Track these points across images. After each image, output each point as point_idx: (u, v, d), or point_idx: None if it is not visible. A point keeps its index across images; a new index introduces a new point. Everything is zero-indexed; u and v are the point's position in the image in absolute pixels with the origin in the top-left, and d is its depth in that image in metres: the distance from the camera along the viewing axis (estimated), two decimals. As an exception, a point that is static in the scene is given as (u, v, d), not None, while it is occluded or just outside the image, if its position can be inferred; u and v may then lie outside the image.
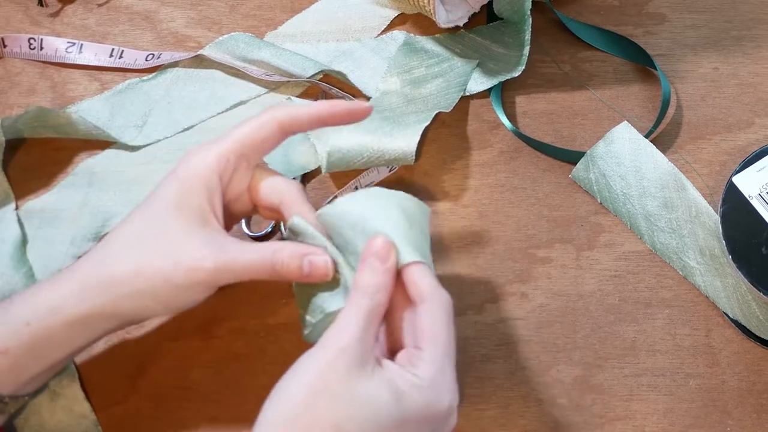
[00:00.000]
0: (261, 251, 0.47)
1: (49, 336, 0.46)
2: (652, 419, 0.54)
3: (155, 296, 0.46)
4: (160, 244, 0.46)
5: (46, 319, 0.46)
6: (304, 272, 0.46)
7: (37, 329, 0.46)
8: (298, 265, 0.46)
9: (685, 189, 0.57)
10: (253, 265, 0.46)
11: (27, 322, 0.46)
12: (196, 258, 0.46)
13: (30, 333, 0.46)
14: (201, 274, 0.46)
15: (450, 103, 0.61)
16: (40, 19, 0.66)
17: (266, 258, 0.47)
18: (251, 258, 0.47)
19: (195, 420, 0.54)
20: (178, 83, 0.63)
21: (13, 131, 0.60)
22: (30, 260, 0.57)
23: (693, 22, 0.65)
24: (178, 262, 0.46)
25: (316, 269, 0.46)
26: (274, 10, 0.66)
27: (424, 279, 0.45)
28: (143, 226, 0.47)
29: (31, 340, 0.46)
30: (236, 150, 0.48)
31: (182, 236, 0.46)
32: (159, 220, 0.47)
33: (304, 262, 0.46)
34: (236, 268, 0.46)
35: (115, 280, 0.46)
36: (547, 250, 0.59)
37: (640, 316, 0.57)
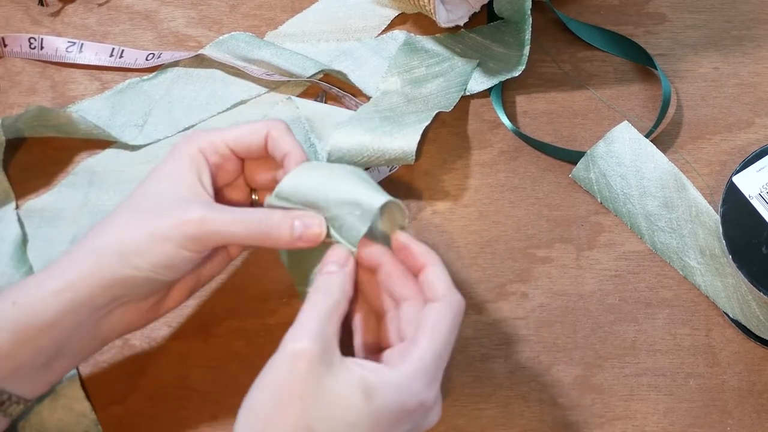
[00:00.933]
0: (253, 212, 0.47)
1: (35, 313, 0.45)
2: (652, 419, 0.54)
3: (141, 254, 0.45)
4: (148, 209, 0.47)
5: (31, 295, 0.45)
6: (295, 235, 0.46)
7: (22, 306, 0.45)
8: (289, 226, 0.46)
9: (685, 189, 0.57)
10: (244, 223, 0.46)
11: (13, 301, 0.45)
12: (184, 210, 0.46)
13: (16, 311, 0.45)
14: (188, 225, 0.45)
15: (450, 102, 0.61)
16: (40, 19, 0.66)
17: (258, 219, 0.47)
18: (241, 217, 0.46)
19: (195, 419, 0.54)
20: (178, 83, 0.63)
21: (13, 131, 0.60)
22: (30, 259, 0.57)
23: (693, 21, 0.65)
24: (167, 216, 0.46)
25: (307, 232, 0.46)
26: (274, 10, 0.66)
27: (440, 279, 0.46)
28: (138, 198, 0.48)
29: (16, 319, 0.44)
30: (226, 142, 0.49)
31: (171, 199, 0.47)
32: (154, 192, 0.48)
33: (295, 224, 0.46)
34: (225, 224, 0.46)
35: (101, 243, 0.46)
36: (548, 250, 0.59)
37: (641, 316, 0.57)
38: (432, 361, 0.43)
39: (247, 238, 0.47)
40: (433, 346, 0.44)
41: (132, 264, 0.45)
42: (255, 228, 0.46)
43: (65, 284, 0.45)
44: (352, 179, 0.48)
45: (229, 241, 0.47)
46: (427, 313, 0.45)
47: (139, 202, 0.48)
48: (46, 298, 0.45)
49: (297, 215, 0.47)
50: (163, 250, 0.46)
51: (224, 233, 0.46)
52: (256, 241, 0.47)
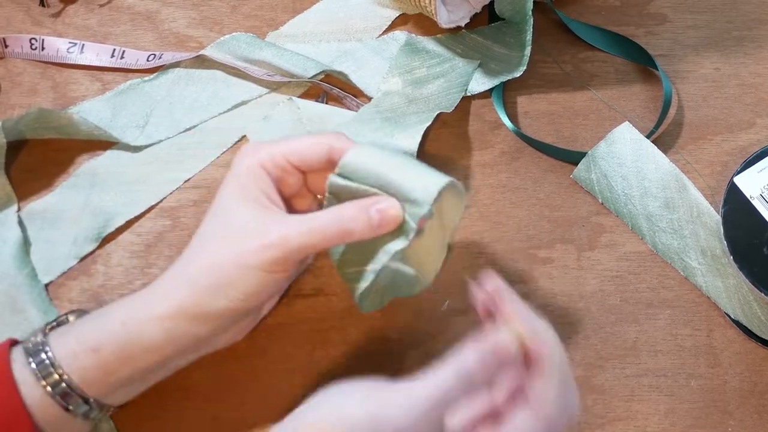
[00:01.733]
0: (325, 215, 0.47)
1: (140, 336, 0.47)
2: (653, 420, 0.54)
3: (233, 285, 0.46)
4: (230, 234, 0.47)
5: (138, 318, 0.47)
6: (374, 224, 0.46)
7: (129, 328, 0.47)
8: (367, 218, 0.46)
9: (686, 189, 0.57)
10: (321, 230, 0.46)
11: (122, 321, 0.47)
12: (262, 236, 0.46)
13: (123, 332, 0.47)
14: (268, 250, 0.46)
15: (451, 103, 0.61)
16: (41, 20, 0.66)
17: (333, 220, 0.46)
18: (317, 224, 0.46)
19: (195, 420, 0.54)
20: (179, 83, 0.63)
21: (14, 133, 0.60)
22: (33, 261, 0.57)
23: (694, 22, 0.65)
24: (247, 244, 0.46)
25: (386, 217, 0.46)
26: (275, 11, 0.66)
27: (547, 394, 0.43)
28: (215, 221, 0.48)
29: (123, 339, 0.47)
30: (284, 155, 0.49)
31: (247, 221, 0.47)
32: (226, 212, 0.48)
33: (371, 213, 0.46)
34: (303, 237, 0.46)
35: (195, 274, 0.47)
36: (549, 251, 0.58)
37: (642, 317, 0.57)
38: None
39: (330, 242, 0.47)
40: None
41: (226, 295, 0.47)
42: (333, 230, 0.46)
43: (166, 315, 0.47)
44: (410, 161, 0.47)
45: (312, 251, 0.47)
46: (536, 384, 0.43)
47: (218, 227, 0.48)
48: (153, 322, 0.47)
49: (368, 204, 0.46)
50: (253, 278, 0.46)
51: (306, 246, 0.46)
52: (340, 242, 0.47)
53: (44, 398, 0.47)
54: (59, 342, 0.47)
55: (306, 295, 0.54)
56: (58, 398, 0.47)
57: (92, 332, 0.47)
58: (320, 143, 0.49)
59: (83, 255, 0.58)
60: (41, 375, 0.46)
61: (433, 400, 0.41)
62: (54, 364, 0.47)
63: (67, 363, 0.47)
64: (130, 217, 0.59)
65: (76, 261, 0.58)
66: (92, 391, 0.47)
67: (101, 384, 0.47)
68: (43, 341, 0.47)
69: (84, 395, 0.47)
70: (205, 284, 0.47)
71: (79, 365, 0.47)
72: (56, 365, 0.47)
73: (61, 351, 0.47)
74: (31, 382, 0.46)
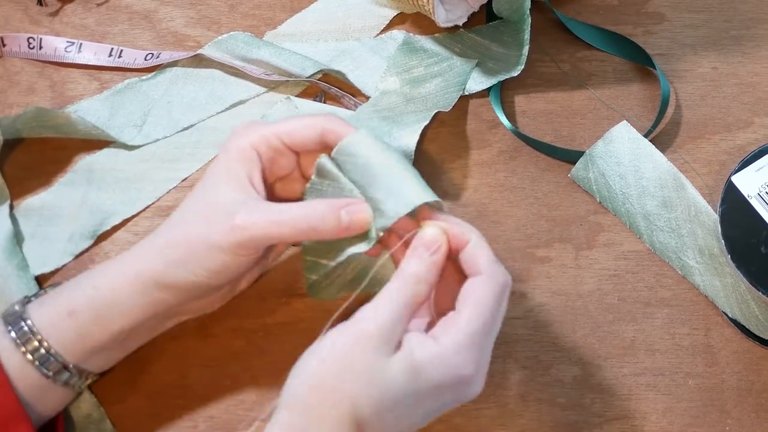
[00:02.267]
0: (297, 209, 0.47)
1: (113, 299, 0.48)
2: (651, 418, 0.54)
3: (198, 262, 0.47)
4: (203, 212, 0.48)
5: (111, 282, 0.48)
6: (342, 225, 0.46)
7: (103, 291, 0.48)
8: (337, 219, 0.46)
9: (684, 188, 0.57)
10: (290, 223, 0.46)
11: (95, 286, 0.48)
12: (229, 218, 0.47)
13: (97, 296, 0.48)
14: (234, 233, 0.46)
15: (449, 102, 0.61)
16: (39, 19, 0.66)
17: (302, 216, 0.47)
18: (286, 217, 0.47)
19: (194, 419, 0.54)
20: (177, 82, 0.63)
21: (11, 131, 0.60)
22: (29, 258, 0.57)
23: (692, 21, 0.65)
24: (215, 224, 0.47)
25: (354, 221, 0.46)
26: (273, 10, 0.66)
27: (481, 253, 0.45)
28: (195, 197, 0.49)
29: (97, 302, 0.48)
30: (279, 136, 0.49)
31: (222, 204, 0.48)
32: (207, 190, 0.49)
33: (342, 215, 0.46)
34: (270, 226, 0.46)
35: (165, 246, 0.48)
36: (546, 250, 0.58)
37: (639, 316, 0.57)
38: (474, 335, 0.43)
39: (296, 236, 0.47)
40: (475, 321, 0.43)
41: (192, 271, 0.47)
42: (301, 226, 0.47)
43: (138, 279, 0.48)
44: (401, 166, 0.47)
45: (278, 240, 0.48)
46: (469, 287, 0.45)
47: (197, 204, 0.49)
48: (124, 286, 0.48)
49: (340, 204, 0.47)
50: (218, 258, 0.47)
51: (271, 236, 0.47)
52: (306, 237, 0.47)
53: (25, 366, 0.47)
54: (38, 311, 0.49)
55: (306, 295, 0.54)
56: (38, 365, 0.47)
57: (68, 298, 0.49)
58: (313, 124, 0.49)
59: (79, 252, 0.58)
60: (21, 342, 0.47)
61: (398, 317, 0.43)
62: (33, 331, 0.48)
63: (45, 329, 0.48)
64: (127, 216, 0.59)
65: (71, 258, 0.58)
66: (70, 356, 0.48)
67: (79, 349, 0.48)
68: (22, 310, 0.49)
69: (63, 361, 0.48)
70: (172, 257, 0.48)
71: (56, 331, 0.48)
72: (35, 332, 0.48)
73: (40, 318, 0.48)
74: (11, 350, 0.47)
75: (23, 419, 0.47)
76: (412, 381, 0.42)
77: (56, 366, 0.48)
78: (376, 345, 0.42)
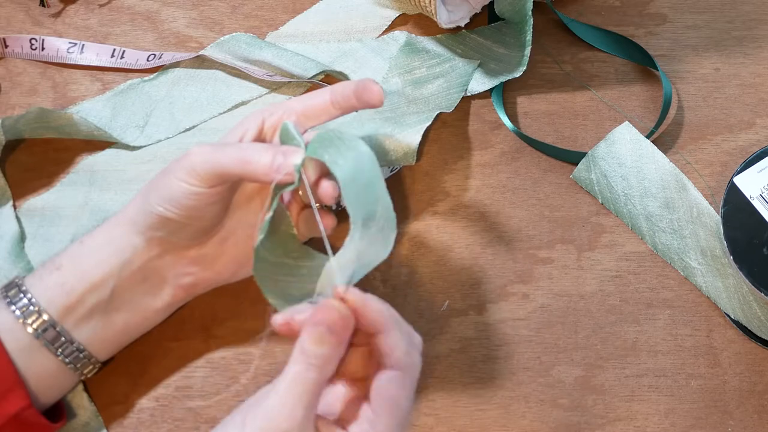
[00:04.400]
0: (242, 144, 0.49)
1: (93, 249, 0.50)
2: (653, 420, 0.54)
3: (160, 191, 0.49)
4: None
5: (93, 234, 0.51)
6: (274, 164, 0.46)
7: (85, 243, 0.51)
8: (271, 156, 0.47)
9: (686, 189, 0.57)
10: (230, 151, 0.48)
11: (81, 240, 0.52)
12: (187, 152, 0.49)
13: (81, 248, 0.51)
14: (184, 160, 0.48)
15: (451, 103, 0.61)
16: (41, 20, 0.66)
17: (241, 148, 0.48)
18: (230, 147, 0.48)
19: (195, 420, 0.54)
20: (179, 83, 0.63)
21: (14, 132, 0.60)
22: (31, 258, 0.57)
23: (694, 22, 0.65)
24: (178, 159, 0.49)
25: (285, 165, 0.46)
26: (275, 11, 0.66)
27: (399, 346, 0.42)
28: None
29: (78, 254, 0.51)
30: (287, 108, 0.51)
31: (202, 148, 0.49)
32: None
33: (277, 156, 0.47)
34: (211, 153, 0.48)
35: (142, 189, 0.51)
36: (549, 251, 0.58)
37: (642, 317, 0.57)
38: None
39: (232, 165, 0.47)
40: (393, 421, 0.42)
41: (148, 201, 0.49)
42: (237, 155, 0.47)
43: (117, 221, 0.51)
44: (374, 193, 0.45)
45: (218, 170, 0.48)
46: (385, 384, 0.42)
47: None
48: (103, 233, 0.51)
49: (279, 149, 0.47)
50: (167, 185, 0.49)
51: (211, 162, 0.48)
52: (240, 169, 0.47)
53: (14, 324, 0.49)
54: (32, 273, 0.51)
55: (306, 295, 0.54)
56: (29, 326, 0.49)
57: (58, 255, 0.51)
58: (321, 93, 0.51)
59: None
60: (11, 300, 0.49)
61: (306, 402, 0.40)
62: (22, 289, 0.50)
63: (34, 287, 0.50)
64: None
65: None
66: (56, 313, 0.49)
67: (63, 306, 0.49)
68: (18, 276, 0.51)
69: (52, 320, 0.49)
70: (144, 192, 0.50)
71: (43, 286, 0.50)
72: (25, 290, 0.49)
73: (31, 278, 0.50)
74: (3, 309, 0.49)
75: (20, 388, 0.48)
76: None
77: (43, 323, 0.49)
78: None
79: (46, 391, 0.50)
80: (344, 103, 0.51)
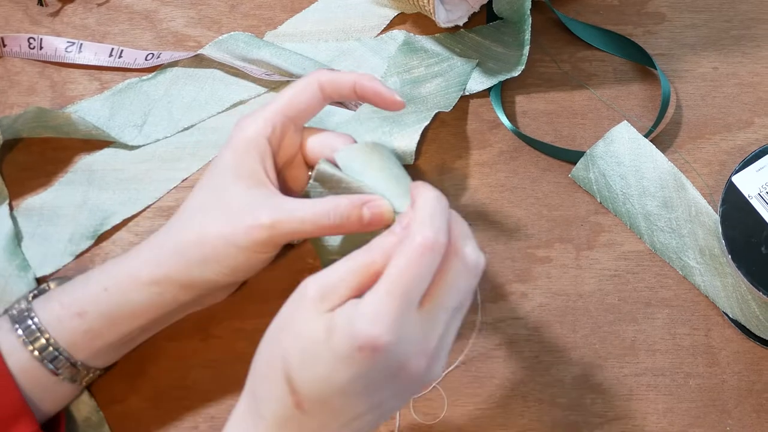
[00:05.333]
0: (318, 205, 0.47)
1: (125, 301, 0.48)
2: (651, 419, 0.54)
3: (219, 260, 0.47)
4: (220, 210, 0.48)
5: (123, 284, 0.48)
6: (364, 222, 0.46)
7: (113, 294, 0.48)
8: (359, 215, 0.46)
9: (684, 188, 0.57)
10: (314, 220, 0.46)
11: (105, 287, 0.48)
12: (253, 216, 0.46)
13: (107, 298, 0.48)
14: (259, 232, 0.46)
15: (449, 102, 0.61)
16: (39, 19, 0.66)
17: (324, 210, 0.46)
18: (311, 213, 0.46)
19: (194, 420, 0.54)
20: (177, 83, 0.63)
21: (12, 131, 0.60)
22: (29, 257, 0.57)
23: (692, 21, 0.65)
24: (237, 223, 0.47)
25: (376, 216, 0.46)
26: (273, 10, 0.66)
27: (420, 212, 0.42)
28: (206, 194, 0.49)
29: (107, 305, 0.48)
30: (281, 112, 0.49)
31: (240, 198, 0.47)
32: (219, 187, 0.48)
33: (364, 211, 0.46)
34: (293, 223, 0.46)
35: (184, 246, 0.48)
36: (547, 250, 0.59)
37: (640, 316, 0.57)
38: (382, 299, 0.40)
39: (320, 232, 0.47)
40: (384, 285, 0.40)
41: (213, 270, 0.48)
42: (325, 222, 0.46)
43: (153, 281, 0.48)
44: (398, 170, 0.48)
45: (300, 237, 0.47)
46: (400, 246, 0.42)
47: (208, 202, 0.48)
48: (139, 288, 0.48)
49: (362, 201, 0.46)
50: (241, 256, 0.47)
51: (296, 233, 0.46)
52: (329, 233, 0.47)
53: (32, 363, 0.48)
54: (44, 307, 0.48)
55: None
56: (47, 362, 0.48)
57: (76, 298, 0.48)
58: (308, 83, 0.49)
59: (79, 252, 0.58)
60: (28, 340, 0.47)
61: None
62: (40, 329, 0.48)
63: (52, 327, 0.48)
64: (127, 216, 0.59)
65: (71, 258, 0.58)
66: (79, 354, 0.48)
67: (88, 348, 0.48)
68: (28, 307, 0.49)
69: (71, 359, 0.48)
70: (194, 257, 0.47)
71: (64, 329, 0.48)
72: (42, 330, 0.48)
73: (47, 316, 0.48)
74: (18, 348, 0.47)
75: (27, 416, 0.47)
76: (327, 338, 0.40)
77: (64, 363, 0.48)
78: (311, 302, 0.41)
79: (52, 407, 0.50)
80: (338, 96, 0.50)
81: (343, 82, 0.49)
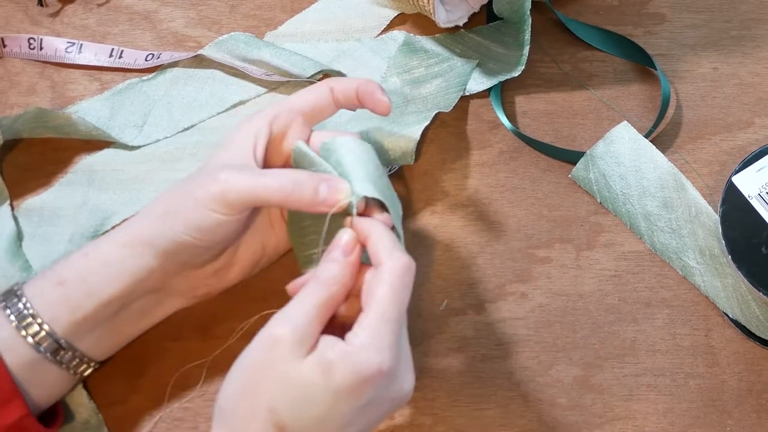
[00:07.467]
0: (277, 174, 0.47)
1: (101, 265, 0.48)
2: (651, 419, 0.54)
3: (178, 216, 0.47)
4: (196, 174, 0.49)
5: (101, 248, 0.49)
6: (318, 198, 0.46)
7: (92, 259, 0.48)
8: (314, 189, 0.46)
9: (684, 189, 0.57)
10: (263, 182, 0.47)
11: (85, 252, 0.49)
12: (213, 175, 0.47)
13: (87, 263, 0.48)
14: (213, 187, 0.47)
15: (450, 103, 0.61)
16: (39, 19, 0.66)
17: (281, 175, 0.47)
18: (266, 180, 0.47)
19: (194, 420, 0.54)
20: (177, 83, 0.63)
21: (12, 132, 0.60)
22: (29, 258, 0.57)
23: (693, 21, 0.65)
24: (199, 180, 0.48)
25: (332, 195, 0.46)
26: (273, 10, 0.66)
27: (382, 243, 0.45)
28: (198, 168, 0.50)
29: (87, 270, 0.48)
30: (288, 102, 0.51)
31: (216, 164, 0.48)
32: (208, 161, 0.50)
33: (321, 187, 0.46)
34: (247, 185, 0.47)
35: (150, 206, 0.49)
36: (547, 250, 0.59)
37: (640, 316, 0.57)
38: (379, 327, 0.43)
39: (273, 200, 0.47)
40: (378, 313, 0.43)
41: (170, 226, 0.48)
42: (276, 185, 0.47)
43: (126, 240, 0.48)
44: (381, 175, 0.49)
45: (254, 201, 0.47)
46: (371, 282, 0.44)
47: (199, 170, 0.50)
48: (111, 248, 0.48)
49: (323, 177, 0.47)
50: (197, 213, 0.47)
51: (248, 193, 0.47)
52: (282, 203, 0.47)
53: (15, 339, 0.48)
54: (32, 283, 0.49)
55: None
56: (29, 337, 0.48)
57: (58, 266, 0.49)
58: (320, 84, 0.51)
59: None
60: (11, 312, 0.48)
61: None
62: (25, 305, 0.48)
63: (36, 300, 0.48)
64: (127, 216, 0.59)
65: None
66: (61, 329, 0.48)
67: (68, 320, 0.48)
68: (18, 284, 0.49)
69: (54, 335, 0.48)
70: (157, 212, 0.48)
71: (45, 301, 0.48)
72: (27, 306, 0.48)
73: (32, 289, 0.48)
74: (3, 325, 0.48)
75: (18, 399, 0.47)
76: (326, 380, 0.42)
77: (46, 339, 0.48)
78: (289, 348, 0.42)
79: (45, 396, 0.50)
80: (346, 102, 0.51)
81: (350, 86, 0.51)
